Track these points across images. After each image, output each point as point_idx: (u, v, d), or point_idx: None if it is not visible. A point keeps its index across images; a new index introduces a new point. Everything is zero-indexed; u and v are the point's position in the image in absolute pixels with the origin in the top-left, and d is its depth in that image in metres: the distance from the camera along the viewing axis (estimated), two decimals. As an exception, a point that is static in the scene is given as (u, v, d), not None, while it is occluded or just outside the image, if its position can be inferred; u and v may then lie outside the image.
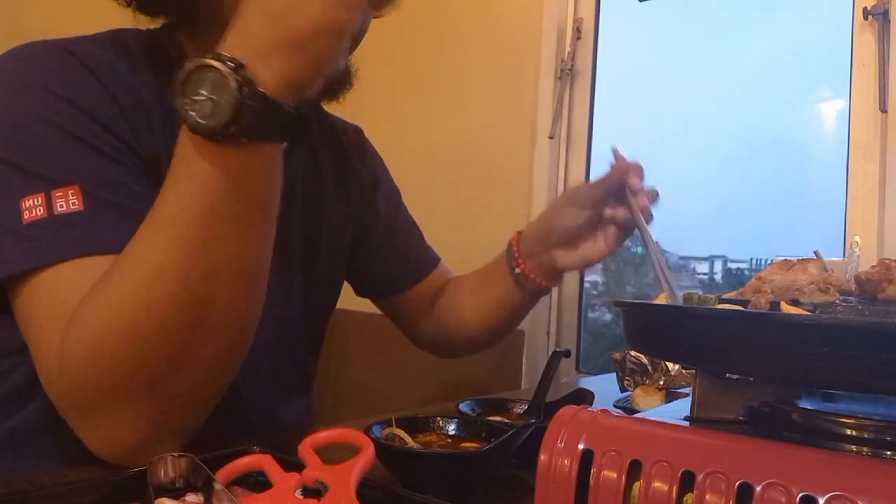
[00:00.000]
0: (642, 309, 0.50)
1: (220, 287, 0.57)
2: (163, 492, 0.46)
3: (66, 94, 0.65)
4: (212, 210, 0.55)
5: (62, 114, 0.64)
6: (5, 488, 0.52)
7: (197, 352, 0.58)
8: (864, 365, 0.36)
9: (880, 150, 1.24)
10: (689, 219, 1.58)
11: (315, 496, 0.45)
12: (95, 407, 0.57)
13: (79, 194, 0.61)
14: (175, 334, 0.56)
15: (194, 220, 0.55)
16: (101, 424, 0.58)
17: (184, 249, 0.55)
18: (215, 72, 0.51)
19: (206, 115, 0.52)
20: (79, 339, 0.56)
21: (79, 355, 0.56)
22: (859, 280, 0.47)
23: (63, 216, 0.60)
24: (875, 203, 1.24)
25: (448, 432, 0.66)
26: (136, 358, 0.56)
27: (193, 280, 0.55)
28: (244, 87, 0.51)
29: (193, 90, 0.52)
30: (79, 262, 0.59)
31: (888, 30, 1.23)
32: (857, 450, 0.40)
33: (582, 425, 0.41)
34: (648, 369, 1.00)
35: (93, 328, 0.56)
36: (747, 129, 1.54)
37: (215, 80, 0.52)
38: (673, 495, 0.36)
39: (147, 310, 0.55)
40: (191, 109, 0.52)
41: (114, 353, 0.55)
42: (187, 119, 0.52)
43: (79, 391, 0.57)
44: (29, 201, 0.60)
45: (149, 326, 0.55)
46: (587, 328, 1.73)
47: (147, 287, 0.55)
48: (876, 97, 1.24)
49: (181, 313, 0.56)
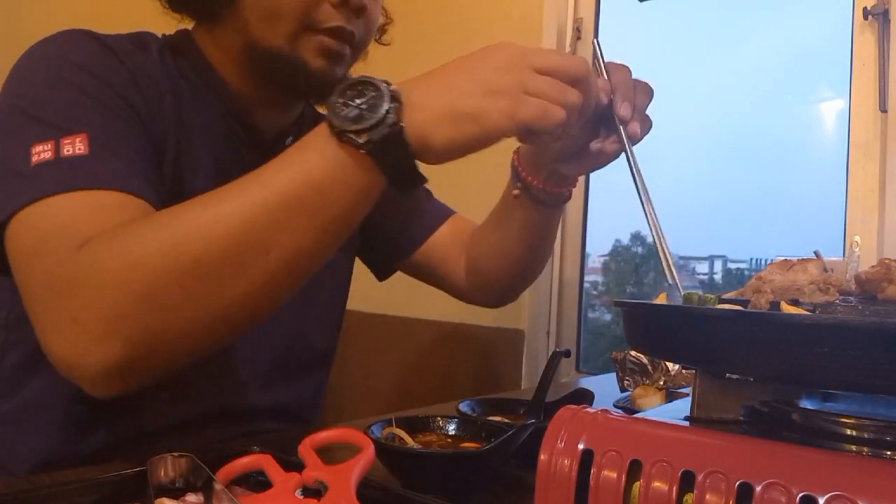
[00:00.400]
0: (642, 309, 0.50)
1: (264, 260, 0.59)
2: (163, 492, 0.46)
3: (85, 63, 0.70)
4: (302, 198, 0.58)
5: (78, 77, 0.69)
6: (5, 488, 0.52)
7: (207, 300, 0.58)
8: (864, 365, 0.36)
9: (880, 150, 1.24)
10: (689, 219, 1.58)
11: (315, 496, 0.45)
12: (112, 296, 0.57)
13: (86, 141, 0.64)
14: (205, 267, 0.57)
15: (282, 197, 0.58)
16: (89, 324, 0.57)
17: (256, 212, 0.58)
18: (377, 92, 0.57)
19: (348, 119, 0.57)
20: (110, 243, 0.58)
21: (113, 246, 0.58)
22: (859, 280, 0.47)
23: (68, 158, 0.63)
24: (875, 203, 1.24)
25: (448, 432, 0.66)
26: (161, 261, 0.57)
27: (246, 245, 0.58)
28: (390, 114, 0.56)
29: (351, 96, 0.57)
30: (79, 195, 0.62)
31: (888, 30, 1.23)
32: (857, 450, 0.40)
33: (582, 425, 0.41)
34: (648, 369, 1.00)
35: (134, 231, 0.59)
36: (747, 129, 1.54)
37: (374, 98, 0.57)
38: (673, 495, 0.36)
39: (191, 237, 0.57)
40: (340, 109, 0.57)
41: (147, 250, 0.57)
42: (333, 115, 0.57)
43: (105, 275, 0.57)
44: (39, 147, 0.63)
45: (182, 250, 0.57)
46: (587, 328, 1.73)
47: (204, 225, 0.58)
48: (876, 97, 1.24)
49: (217, 263, 0.57)
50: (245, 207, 0.58)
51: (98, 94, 0.69)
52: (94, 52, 0.72)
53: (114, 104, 0.69)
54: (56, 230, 0.60)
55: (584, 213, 1.68)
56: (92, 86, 0.69)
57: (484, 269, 0.99)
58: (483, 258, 0.99)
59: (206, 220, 0.58)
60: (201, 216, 0.58)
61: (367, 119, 0.56)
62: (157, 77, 0.75)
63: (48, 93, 0.68)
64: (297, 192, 0.58)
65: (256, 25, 0.75)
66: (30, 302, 0.61)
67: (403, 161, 0.58)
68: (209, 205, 0.59)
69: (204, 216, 0.58)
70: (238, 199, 0.58)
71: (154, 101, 0.73)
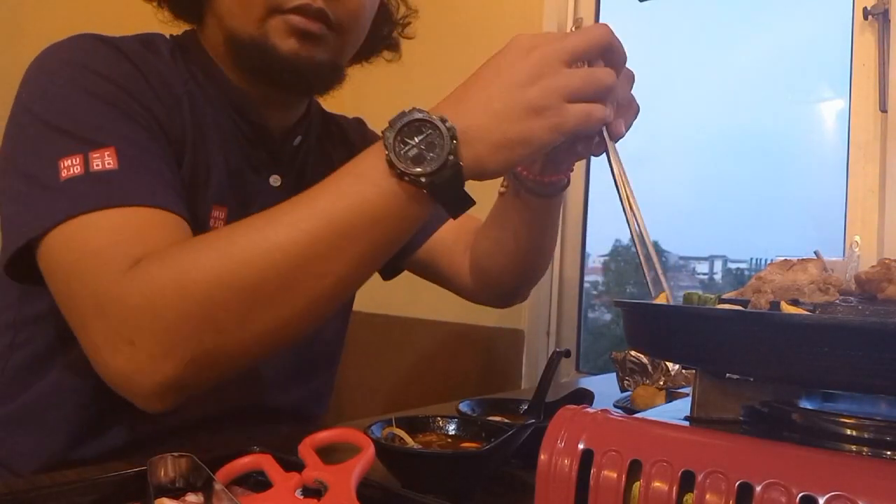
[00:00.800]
0: (642, 309, 0.50)
1: (317, 285, 0.60)
2: (163, 492, 0.46)
3: (104, 70, 0.69)
4: (356, 228, 0.59)
5: (100, 86, 0.68)
6: (5, 488, 0.52)
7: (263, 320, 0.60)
8: (864, 365, 0.36)
9: (880, 150, 1.24)
10: (690, 219, 1.58)
11: (315, 496, 0.45)
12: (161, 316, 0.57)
13: (114, 155, 0.64)
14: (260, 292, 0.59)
15: (337, 225, 0.59)
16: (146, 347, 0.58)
17: (311, 242, 0.59)
18: (436, 131, 0.58)
19: (409, 158, 0.58)
20: (170, 260, 0.59)
21: (167, 271, 0.58)
22: (859, 280, 0.47)
23: (99, 173, 0.63)
24: (875, 203, 1.24)
25: (448, 432, 0.66)
26: (217, 289, 0.58)
27: (302, 271, 0.59)
28: (451, 156, 0.57)
29: (409, 135, 0.58)
30: (115, 212, 0.62)
31: (888, 30, 1.23)
32: (857, 450, 0.40)
33: (582, 425, 0.41)
34: (648, 369, 1.00)
35: (190, 255, 0.59)
36: (747, 129, 1.54)
37: (432, 137, 0.58)
38: (673, 495, 0.36)
39: (250, 261, 0.58)
40: (398, 147, 0.58)
41: (202, 276, 0.57)
42: (393, 154, 0.58)
43: (156, 298, 0.57)
44: (67, 161, 0.63)
45: (246, 274, 0.58)
46: (587, 328, 1.73)
47: (264, 248, 0.58)
48: (876, 97, 1.24)
49: (274, 288, 0.59)
50: (302, 237, 0.58)
51: (121, 104, 0.68)
52: (112, 58, 0.72)
53: (136, 113, 0.69)
54: (98, 250, 0.60)
55: (584, 213, 1.68)
56: (114, 95, 0.68)
57: (486, 268, 0.98)
58: (485, 256, 0.98)
59: (265, 248, 0.58)
60: (259, 243, 0.59)
61: (428, 161, 0.57)
62: (171, 80, 0.76)
63: (71, 103, 0.67)
64: (353, 224, 0.59)
65: (228, 16, 0.76)
66: (77, 322, 0.61)
67: (459, 192, 0.60)
68: (266, 231, 0.59)
69: (262, 243, 0.59)
70: (295, 228, 0.59)
71: (171, 106, 0.74)
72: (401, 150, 0.58)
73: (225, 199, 0.79)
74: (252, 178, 0.82)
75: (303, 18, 0.75)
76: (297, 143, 0.88)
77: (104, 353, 0.59)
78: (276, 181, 0.84)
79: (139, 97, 0.70)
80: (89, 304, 0.60)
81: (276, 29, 0.75)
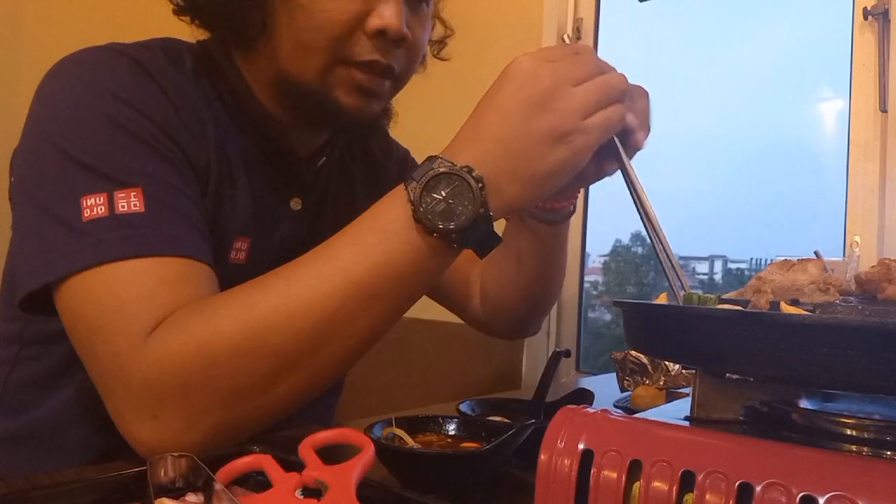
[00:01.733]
0: (642, 309, 0.50)
1: (342, 346, 0.58)
2: (163, 492, 0.46)
3: (129, 97, 0.65)
4: (381, 287, 0.57)
5: (126, 116, 0.64)
6: (5, 488, 0.52)
7: (288, 384, 0.58)
8: (864, 365, 0.36)
9: (880, 150, 1.24)
10: (689, 219, 1.58)
11: (315, 496, 0.45)
12: (177, 393, 0.56)
13: (140, 196, 0.61)
14: (282, 360, 0.57)
15: (362, 288, 0.56)
16: (169, 422, 0.57)
17: (336, 305, 0.56)
18: (463, 184, 0.55)
19: (437, 213, 0.55)
20: (188, 329, 0.56)
21: (184, 341, 0.56)
22: (859, 280, 0.47)
23: (124, 216, 0.60)
24: (875, 203, 1.24)
25: (448, 432, 0.66)
26: (237, 361, 0.56)
27: (328, 335, 0.57)
28: (481, 208, 0.55)
29: (434, 188, 0.55)
30: (140, 263, 0.59)
31: (888, 30, 1.23)
32: (857, 450, 0.40)
33: (582, 425, 0.41)
34: (648, 369, 1.00)
35: (211, 323, 0.56)
36: (747, 129, 1.54)
37: (459, 189, 0.55)
38: (673, 495, 0.36)
39: (273, 328, 0.56)
40: (426, 201, 0.55)
41: (223, 347, 0.56)
42: (420, 210, 0.55)
43: (172, 374, 0.56)
44: (91, 199, 0.60)
45: (268, 342, 0.56)
46: (587, 328, 1.73)
47: (286, 313, 0.56)
48: (876, 97, 1.24)
49: (299, 354, 0.57)
50: (326, 301, 0.56)
51: (146, 136, 0.64)
52: (136, 80, 0.67)
53: (162, 145, 0.65)
54: (120, 307, 0.58)
55: (584, 213, 1.68)
56: (138, 125, 0.64)
57: (494, 298, 0.96)
58: (492, 286, 0.96)
59: (287, 312, 0.56)
60: (281, 309, 0.56)
61: (458, 214, 0.55)
62: (198, 103, 0.71)
63: (95, 135, 0.63)
64: (379, 284, 0.57)
65: (287, 58, 0.70)
66: (99, 381, 0.60)
67: (488, 239, 0.57)
68: (287, 292, 0.57)
69: (284, 307, 0.56)
70: (318, 291, 0.56)
71: (197, 133, 0.70)
72: (428, 205, 0.55)
73: (248, 230, 0.75)
74: (273, 203, 0.79)
75: (370, 76, 0.71)
76: (321, 164, 0.84)
77: (127, 421, 0.58)
78: (296, 204, 0.81)
79: (166, 128, 0.66)
80: (111, 367, 0.58)
81: (341, 82, 0.71)
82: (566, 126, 0.56)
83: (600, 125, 0.57)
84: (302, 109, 0.75)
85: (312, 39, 0.68)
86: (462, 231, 0.55)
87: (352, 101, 0.71)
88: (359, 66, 0.70)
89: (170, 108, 0.67)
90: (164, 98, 0.67)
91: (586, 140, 0.57)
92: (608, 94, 0.58)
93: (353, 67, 0.70)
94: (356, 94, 0.71)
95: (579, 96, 0.57)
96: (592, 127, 0.57)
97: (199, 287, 0.61)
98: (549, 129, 0.56)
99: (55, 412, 0.72)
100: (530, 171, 0.56)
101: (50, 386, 0.72)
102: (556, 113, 0.56)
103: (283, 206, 0.80)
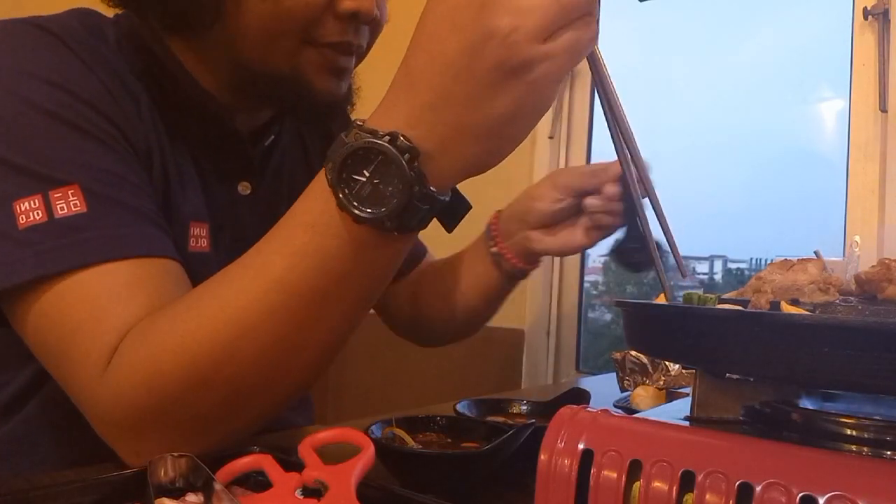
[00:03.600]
0: (642, 309, 0.50)
1: (301, 359, 0.55)
2: (163, 492, 0.46)
3: (50, 75, 0.58)
4: (326, 290, 0.51)
5: (48, 97, 0.57)
6: (5, 488, 0.52)
7: (252, 407, 0.57)
8: (864, 365, 0.36)
9: (880, 150, 1.24)
10: (689, 219, 1.58)
11: (315, 496, 0.45)
12: (140, 427, 0.55)
13: (80, 194, 0.55)
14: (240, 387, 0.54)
15: (304, 295, 0.51)
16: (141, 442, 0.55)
17: (280, 319, 0.51)
18: (384, 158, 0.45)
19: (363, 198, 0.46)
20: (136, 364, 0.53)
21: (134, 379, 0.53)
22: (859, 280, 0.47)
23: (65, 220, 0.55)
24: (875, 203, 1.24)
25: (448, 432, 0.66)
26: (191, 395, 0.54)
27: (282, 353, 0.53)
28: (415, 186, 0.45)
29: (354, 168, 0.46)
30: (90, 272, 0.55)
31: (888, 30, 1.23)
32: (857, 450, 0.40)
33: (582, 425, 0.41)
34: (648, 369, 1.00)
35: (155, 358, 0.53)
36: (747, 129, 1.54)
37: (383, 166, 0.45)
38: (673, 495, 0.36)
39: (220, 360, 0.52)
40: (348, 186, 0.46)
41: (173, 385, 0.53)
42: (343, 197, 0.46)
43: (128, 412, 0.54)
44: (24, 204, 0.54)
45: (219, 374, 0.53)
46: (587, 328, 1.73)
47: (228, 340, 0.52)
48: (876, 97, 1.24)
49: (256, 377, 0.54)
50: (267, 314, 0.51)
51: (76, 120, 0.58)
52: (55, 55, 0.60)
53: (95, 127, 0.59)
54: (75, 330, 0.54)
55: (584, 213, 1.68)
56: (66, 108, 0.58)
57: (426, 312, 0.98)
58: (428, 302, 0.97)
59: (230, 339, 0.52)
60: (221, 333, 0.52)
61: (387, 197, 0.45)
62: (127, 77, 0.65)
63: (13, 124, 0.56)
64: (321, 286, 0.51)
65: (249, 46, 0.65)
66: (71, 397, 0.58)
67: (440, 212, 0.49)
68: (223, 316, 0.52)
69: (225, 333, 0.52)
70: (257, 307, 0.51)
71: (131, 110, 0.63)
72: (351, 189, 0.46)
73: (203, 216, 0.70)
74: (218, 188, 0.73)
75: (342, 57, 0.68)
76: (268, 143, 0.79)
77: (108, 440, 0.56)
78: (245, 189, 0.75)
79: (98, 106, 0.59)
80: (78, 396, 0.57)
81: (311, 64, 0.66)
82: (521, 54, 0.43)
83: (567, 49, 0.44)
84: (267, 97, 0.71)
85: (281, 25, 0.63)
86: (397, 216, 0.46)
87: (324, 82, 0.68)
88: (330, 47, 0.66)
89: (96, 82, 0.61)
90: (87, 71, 0.61)
91: (549, 69, 0.44)
92: (574, 4, 0.44)
93: (323, 48, 0.66)
94: (328, 76, 0.68)
95: (534, 11, 0.43)
96: (557, 51, 0.44)
97: (160, 287, 0.57)
98: (497, 60, 0.43)
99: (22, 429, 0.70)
100: (482, 121, 0.45)
101: (17, 406, 0.70)
102: (504, 36, 0.43)
103: (232, 191, 0.74)
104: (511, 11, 0.43)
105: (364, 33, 0.70)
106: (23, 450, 0.70)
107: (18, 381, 0.70)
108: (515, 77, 0.44)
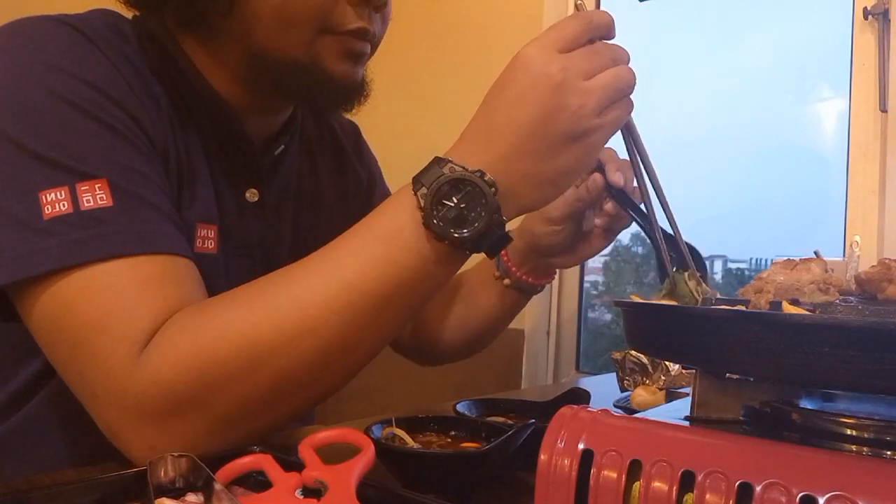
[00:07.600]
0: (642, 309, 0.50)
1: (349, 359, 0.58)
2: (163, 492, 0.46)
3: (78, 71, 0.60)
4: (390, 297, 0.56)
5: (77, 92, 0.59)
6: (5, 488, 0.52)
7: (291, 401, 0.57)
8: (864, 365, 0.36)
9: (880, 150, 1.24)
10: (690, 219, 1.58)
11: (315, 496, 0.45)
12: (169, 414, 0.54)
13: (106, 188, 0.56)
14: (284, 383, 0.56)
15: (370, 299, 0.55)
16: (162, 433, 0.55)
17: (344, 319, 0.55)
18: (476, 189, 0.53)
19: (449, 220, 0.53)
20: (184, 349, 0.54)
21: (180, 364, 0.53)
22: (859, 280, 0.47)
23: (91, 212, 0.55)
24: (875, 203, 1.24)
25: (448, 432, 0.66)
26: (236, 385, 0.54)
27: (335, 351, 0.56)
28: (495, 214, 0.53)
29: (446, 195, 0.53)
30: (116, 264, 0.55)
31: (888, 30, 1.23)
32: (857, 450, 0.40)
33: (582, 425, 0.41)
34: (648, 369, 1.00)
35: (208, 345, 0.54)
36: (747, 129, 1.54)
37: (472, 195, 0.53)
38: (673, 495, 0.36)
39: (278, 352, 0.54)
40: (437, 208, 0.53)
41: (220, 372, 0.54)
42: (430, 217, 0.53)
43: (166, 395, 0.54)
44: (51, 195, 0.55)
45: (270, 367, 0.54)
46: (587, 328, 1.73)
47: (292, 334, 0.54)
48: (876, 97, 1.24)
49: (305, 374, 0.56)
50: (334, 315, 0.54)
51: (104, 116, 0.59)
52: (88, 54, 0.61)
53: (122, 125, 0.60)
54: (103, 319, 0.54)
55: (584, 213, 1.68)
56: (94, 103, 0.59)
57: (433, 335, 0.97)
58: (435, 325, 0.96)
59: (293, 332, 0.54)
60: (285, 326, 0.54)
61: (471, 221, 0.53)
62: (148, 78, 0.66)
63: (44, 116, 0.57)
64: (387, 294, 0.55)
65: (265, 35, 0.66)
66: (85, 398, 0.57)
67: (501, 240, 0.55)
68: (291, 310, 0.55)
69: (289, 326, 0.54)
70: (326, 306, 0.54)
71: (152, 109, 0.65)
72: (440, 212, 0.53)
73: (213, 218, 0.71)
74: (227, 193, 0.74)
75: (358, 41, 0.69)
76: (279, 152, 0.80)
77: (121, 436, 0.56)
78: (252, 196, 0.76)
79: (124, 105, 0.61)
80: (101, 386, 0.55)
81: (329, 50, 0.67)
82: (583, 125, 0.55)
83: (613, 122, 0.57)
84: (284, 87, 0.71)
85: (297, 13, 0.65)
86: (476, 239, 0.54)
87: (341, 67, 0.69)
88: (346, 34, 0.68)
89: (121, 81, 0.62)
90: (112, 69, 0.62)
91: (601, 137, 0.56)
92: (621, 90, 0.56)
93: (340, 35, 0.67)
94: (345, 60, 0.69)
95: (595, 94, 0.55)
96: (606, 124, 0.56)
97: (184, 286, 0.59)
98: (565, 129, 0.54)
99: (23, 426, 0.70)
100: (545, 172, 0.55)
101: (21, 401, 0.70)
102: (572, 112, 0.54)
103: (240, 197, 0.75)
104: (579, 93, 0.54)
105: (377, 21, 0.71)
106: (24, 447, 0.70)
107: (20, 377, 0.70)
108: (576, 142, 0.55)
